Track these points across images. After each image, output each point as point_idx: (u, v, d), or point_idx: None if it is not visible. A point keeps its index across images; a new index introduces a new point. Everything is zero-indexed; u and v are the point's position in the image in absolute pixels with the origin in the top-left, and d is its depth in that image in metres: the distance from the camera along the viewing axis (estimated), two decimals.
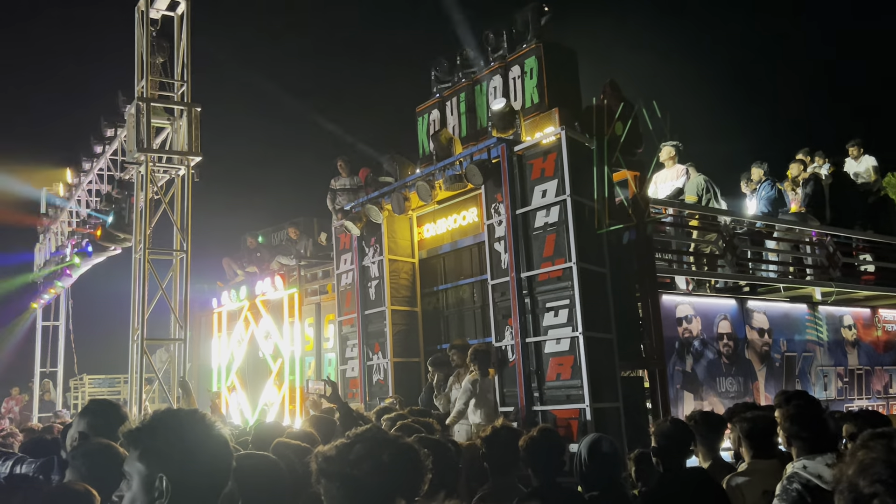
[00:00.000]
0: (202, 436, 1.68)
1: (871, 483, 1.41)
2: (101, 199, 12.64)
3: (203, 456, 1.66)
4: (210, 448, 1.69)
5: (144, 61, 10.17)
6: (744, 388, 8.43)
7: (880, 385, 10.23)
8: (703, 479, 3.92)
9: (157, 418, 1.71)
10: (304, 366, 11.57)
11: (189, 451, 1.64)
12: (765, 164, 11.00)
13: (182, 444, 1.64)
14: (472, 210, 8.89)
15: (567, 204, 6.95)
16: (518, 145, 7.53)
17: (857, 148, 12.09)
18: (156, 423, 1.69)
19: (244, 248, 15.34)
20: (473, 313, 8.98)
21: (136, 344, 9.79)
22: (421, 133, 9.87)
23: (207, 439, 1.69)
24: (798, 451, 3.59)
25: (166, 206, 10.13)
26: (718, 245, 8.79)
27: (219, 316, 13.22)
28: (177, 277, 10.17)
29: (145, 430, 1.68)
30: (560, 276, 6.95)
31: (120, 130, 11.74)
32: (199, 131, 10.06)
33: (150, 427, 1.68)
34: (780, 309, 9.28)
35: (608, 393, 6.85)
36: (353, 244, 9.74)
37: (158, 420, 1.70)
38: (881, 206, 11.89)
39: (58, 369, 16.82)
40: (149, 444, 1.65)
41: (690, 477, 3.94)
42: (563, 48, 8.48)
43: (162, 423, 1.70)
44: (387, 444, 1.79)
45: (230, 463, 1.71)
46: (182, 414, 1.73)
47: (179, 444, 1.64)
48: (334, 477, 1.77)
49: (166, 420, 1.70)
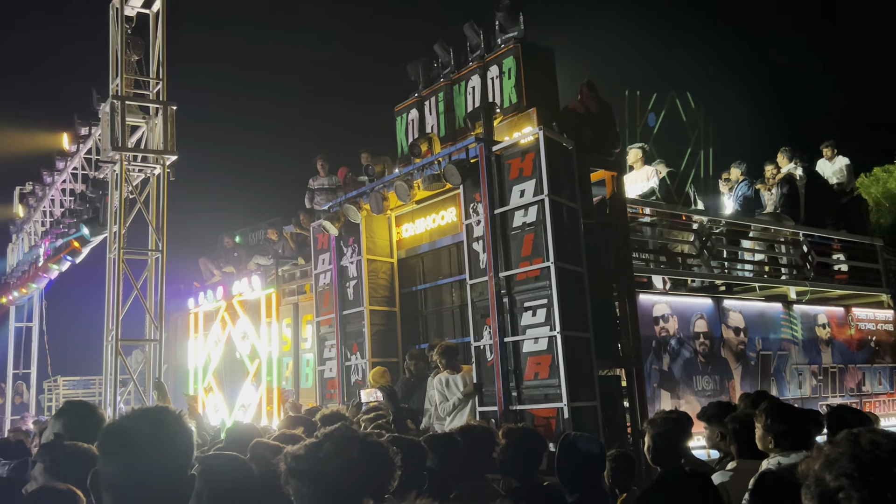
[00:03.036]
0: (165, 434, 1.67)
1: (836, 477, 1.43)
2: (74, 199, 12.46)
3: (164, 453, 1.64)
4: (172, 446, 1.67)
5: (119, 59, 10.04)
6: (720, 386, 8.51)
7: (853, 383, 10.38)
8: (705, 480, 3.89)
9: (125, 419, 1.70)
10: (281, 367, 11.49)
11: (150, 449, 1.62)
12: (743, 164, 11.12)
13: (143, 443, 1.62)
14: (450, 210, 8.88)
15: (545, 204, 6.96)
16: (496, 145, 7.53)
17: (830, 149, 12.26)
18: (122, 424, 1.68)
19: (221, 248, 15.21)
20: (452, 313, 8.97)
21: (110, 345, 9.66)
22: (399, 132, 9.84)
23: (171, 437, 1.67)
24: (775, 448, 3.63)
25: (141, 205, 10.01)
26: (695, 245, 8.86)
27: (195, 316, 13.09)
28: (152, 277, 10.05)
29: (110, 431, 1.67)
30: (538, 275, 6.96)
31: (94, 129, 11.58)
32: (174, 129, 9.96)
33: (117, 427, 1.67)
34: (755, 308, 9.38)
35: (586, 392, 6.87)
36: (332, 244, 9.68)
37: (125, 420, 1.69)
38: (854, 206, 12.08)
39: (31, 371, 16.57)
40: (110, 447, 1.63)
41: (691, 478, 3.91)
42: (541, 48, 8.50)
43: (128, 422, 1.68)
44: (356, 443, 1.79)
45: (189, 460, 1.69)
46: (149, 412, 1.72)
47: (141, 442, 1.62)
48: (304, 475, 1.76)
49: (131, 420, 1.69)
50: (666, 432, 3.97)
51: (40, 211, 14.77)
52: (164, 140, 9.93)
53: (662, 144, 8.56)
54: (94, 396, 15.37)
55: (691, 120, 8.72)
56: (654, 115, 7.84)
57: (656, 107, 7.96)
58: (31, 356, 16.60)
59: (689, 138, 9.39)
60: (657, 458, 4.00)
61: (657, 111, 7.83)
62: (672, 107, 7.77)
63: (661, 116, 7.52)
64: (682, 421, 4.09)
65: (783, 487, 2.76)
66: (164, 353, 10.21)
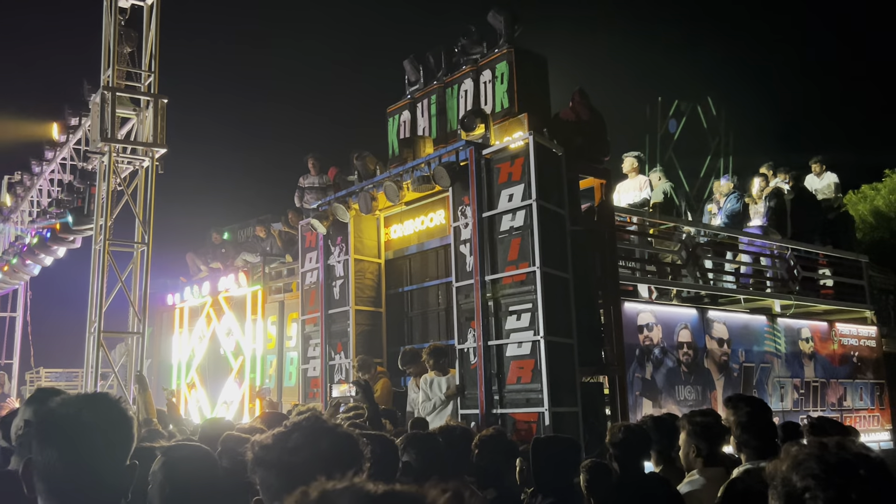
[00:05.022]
0: (104, 421, 1.64)
1: (803, 477, 1.44)
2: (62, 189, 12.38)
3: (102, 441, 1.61)
4: (111, 433, 1.64)
5: (111, 50, 9.99)
6: (702, 396, 8.54)
7: (835, 397, 10.44)
8: (661, 485, 3.93)
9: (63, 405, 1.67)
10: (265, 364, 11.44)
11: (87, 437, 1.59)
12: (734, 176, 11.18)
13: (80, 430, 1.59)
14: (439, 212, 8.88)
15: (533, 208, 6.98)
16: (487, 149, 7.54)
17: (819, 165, 12.37)
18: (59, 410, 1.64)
19: (209, 244, 15.13)
20: (438, 315, 8.96)
21: (92, 336, 9.59)
22: (391, 134, 9.84)
23: (110, 424, 1.64)
24: (747, 457, 3.64)
25: (129, 197, 9.95)
26: (681, 255, 8.90)
27: (180, 311, 13.03)
28: (137, 270, 9.99)
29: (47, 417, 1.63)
30: (524, 279, 6.97)
31: (84, 119, 11.51)
32: (164, 123, 9.91)
33: (54, 413, 1.63)
34: (739, 320, 9.43)
35: (567, 398, 6.87)
36: (319, 243, 9.66)
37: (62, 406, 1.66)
38: (841, 222, 12.17)
39: (13, 361, 16.44)
40: (46, 433, 1.60)
41: (648, 482, 3.95)
42: (535, 55, 8.52)
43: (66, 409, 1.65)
44: (325, 433, 1.77)
45: (129, 449, 1.66)
46: (87, 399, 1.69)
47: (78, 430, 1.59)
48: (272, 465, 1.74)
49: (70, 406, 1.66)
50: (620, 442, 4.01)
51: (28, 200, 14.67)
52: (154, 133, 9.88)
53: (682, 152, 8.61)
54: (76, 389, 15.25)
55: (712, 127, 8.79)
56: (675, 121, 7.88)
57: (678, 113, 7.99)
58: (13, 347, 16.47)
59: (709, 146, 9.45)
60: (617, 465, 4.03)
61: (678, 118, 7.87)
62: (693, 113, 7.81)
63: (682, 123, 7.55)
64: (635, 427, 4.14)
65: (753, 496, 2.76)
66: (147, 347, 10.14)
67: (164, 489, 2.12)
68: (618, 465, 4.01)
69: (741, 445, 3.65)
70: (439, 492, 1.03)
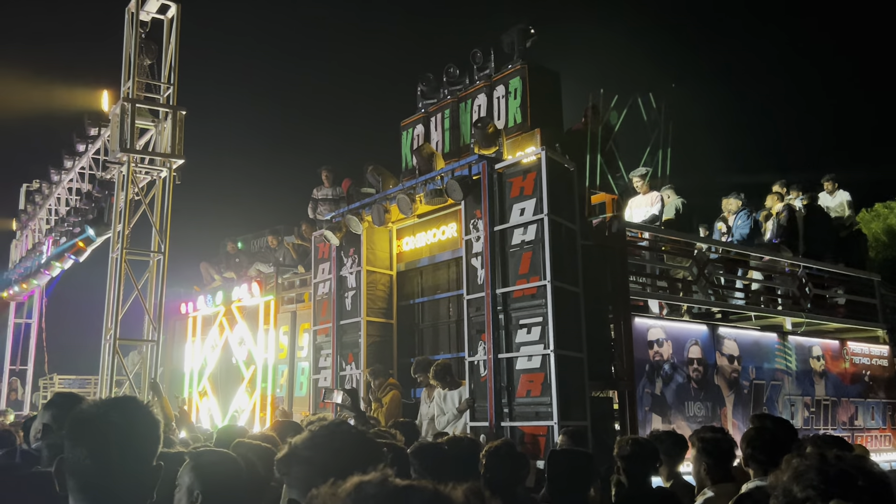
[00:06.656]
0: (133, 422, 1.70)
1: (804, 488, 1.49)
2: (80, 198, 12.57)
3: (132, 441, 1.68)
4: (140, 434, 1.71)
5: (132, 62, 10.18)
6: (712, 413, 8.52)
7: (846, 416, 10.38)
8: (668, 499, 3.96)
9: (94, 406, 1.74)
10: (276, 374, 11.52)
11: (118, 437, 1.66)
12: (742, 194, 11.18)
13: (111, 430, 1.66)
14: (451, 225, 8.96)
15: (544, 223, 7.04)
16: (499, 163, 7.63)
17: (832, 183, 12.34)
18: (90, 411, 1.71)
19: (223, 253, 15.26)
20: (448, 328, 9.02)
21: (108, 343, 9.71)
22: (404, 147, 9.96)
23: (139, 426, 1.71)
24: (755, 473, 3.68)
25: (146, 207, 10.11)
26: (692, 271, 8.92)
27: (193, 320, 13.14)
28: (153, 279, 10.12)
29: (79, 417, 1.71)
30: (534, 293, 7.03)
31: (103, 130, 11.71)
32: (182, 134, 10.08)
33: (85, 414, 1.70)
34: (750, 337, 9.41)
35: (577, 412, 6.90)
36: (332, 254, 9.76)
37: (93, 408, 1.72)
38: (853, 240, 12.13)
39: (28, 367, 16.60)
40: (78, 433, 1.67)
41: (655, 497, 3.99)
42: (548, 70, 8.62)
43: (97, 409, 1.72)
44: (360, 437, 1.93)
45: (156, 450, 1.73)
46: (118, 401, 1.76)
47: (109, 430, 1.66)
48: (313, 462, 1.90)
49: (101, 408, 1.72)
50: (628, 455, 4.04)
51: (45, 208, 14.89)
52: (172, 144, 10.05)
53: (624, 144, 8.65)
54: (89, 395, 15.36)
55: (651, 120, 8.85)
56: (616, 114, 7.99)
57: (618, 107, 8.06)
58: (28, 353, 16.64)
59: (648, 138, 9.49)
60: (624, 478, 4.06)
61: (619, 111, 7.96)
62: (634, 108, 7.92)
63: (623, 115, 7.66)
64: (644, 441, 4.17)
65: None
66: (161, 355, 10.25)
67: (192, 492, 2.19)
68: (626, 478, 4.04)
69: (747, 460, 3.69)
70: (458, 489, 1.11)
